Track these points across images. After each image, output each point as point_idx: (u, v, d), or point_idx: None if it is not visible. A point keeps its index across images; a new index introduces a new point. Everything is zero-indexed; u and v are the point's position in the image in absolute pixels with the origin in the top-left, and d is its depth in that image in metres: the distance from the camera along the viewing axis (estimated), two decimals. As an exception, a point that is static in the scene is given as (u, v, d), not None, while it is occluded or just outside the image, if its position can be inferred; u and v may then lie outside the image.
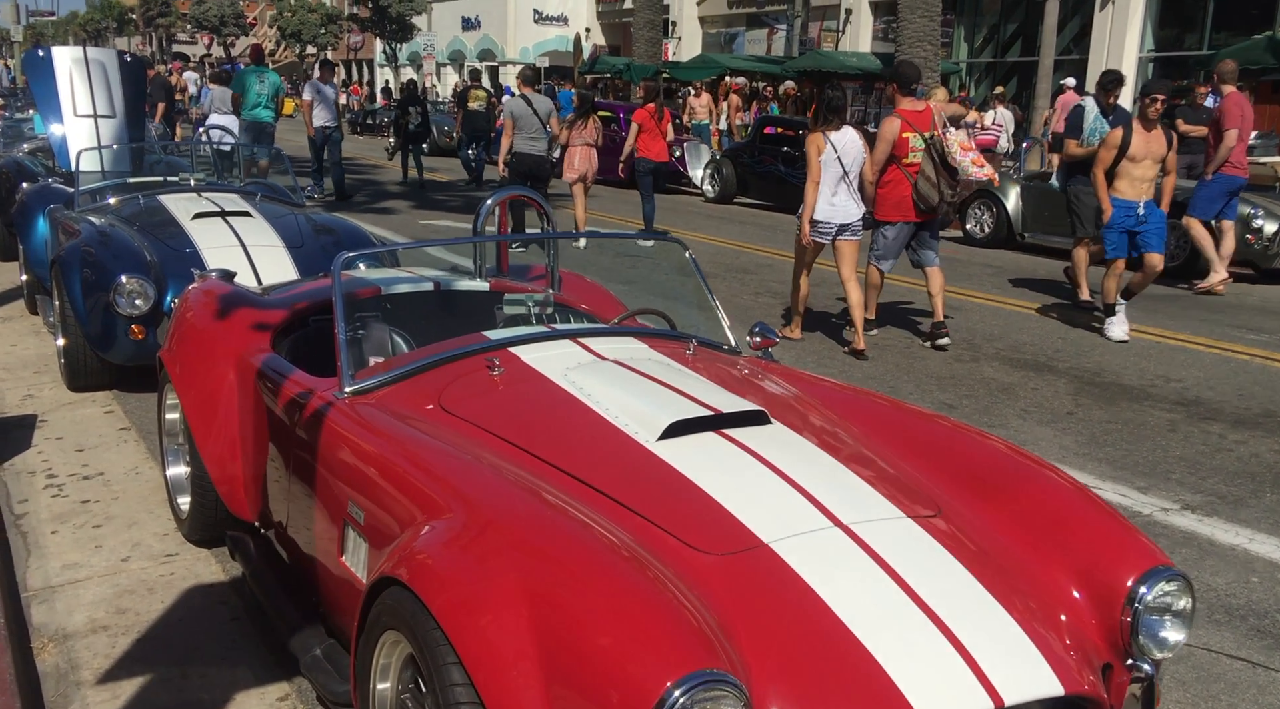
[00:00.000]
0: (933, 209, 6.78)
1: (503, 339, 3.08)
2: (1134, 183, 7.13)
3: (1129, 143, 7.06)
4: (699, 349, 3.19)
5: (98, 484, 4.31)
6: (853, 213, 6.70)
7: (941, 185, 6.67)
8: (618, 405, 2.62)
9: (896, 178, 6.74)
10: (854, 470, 2.42)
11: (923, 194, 6.68)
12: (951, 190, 6.78)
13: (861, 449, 2.59)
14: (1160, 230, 7.22)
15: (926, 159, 6.64)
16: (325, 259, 5.73)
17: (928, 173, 6.64)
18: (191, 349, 3.72)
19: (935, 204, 6.73)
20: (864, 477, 2.40)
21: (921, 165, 6.66)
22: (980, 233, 11.68)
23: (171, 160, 8.62)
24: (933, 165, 6.64)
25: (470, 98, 17.00)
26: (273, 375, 3.26)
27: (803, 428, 2.63)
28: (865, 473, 2.42)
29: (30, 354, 6.20)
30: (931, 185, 6.66)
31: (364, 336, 3.66)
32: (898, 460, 2.57)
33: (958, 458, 2.58)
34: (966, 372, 6.30)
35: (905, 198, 6.74)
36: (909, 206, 6.75)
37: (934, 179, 6.65)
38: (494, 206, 4.04)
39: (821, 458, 2.47)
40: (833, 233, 6.69)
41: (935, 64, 16.61)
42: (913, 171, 6.68)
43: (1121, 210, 7.18)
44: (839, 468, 2.43)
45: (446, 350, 3.04)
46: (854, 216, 6.72)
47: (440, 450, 2.49)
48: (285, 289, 4.10)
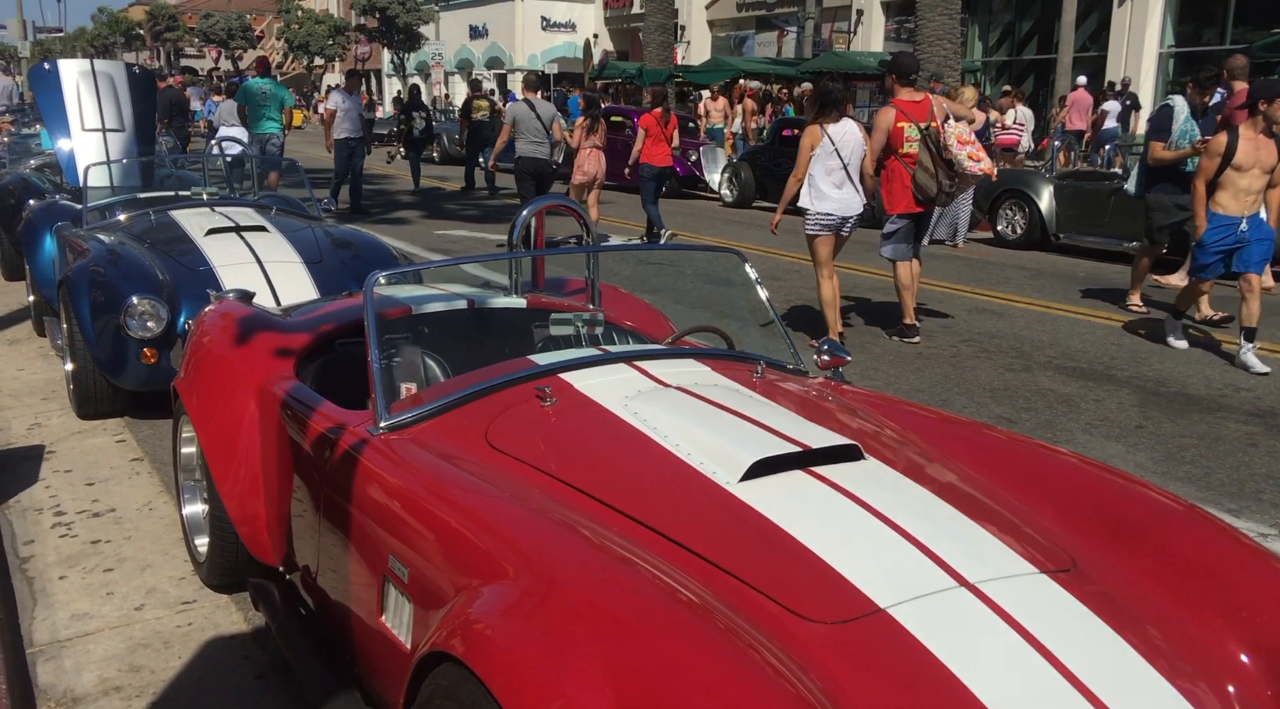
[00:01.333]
0: (931, 200, 6.72)
1: (553, 364, 2.78)
2: (1238, 195, 6.36)
3: (1234, 150, 6.33)
4: (767, 371, 2.89)
5: (109, 522, 4.02)
6: (854, 206, 6.64)
7: (940, 176, 6.59)
8: (690, 440, 2.32)
9: (896, 169, 6.71)
10: (969, 515, 2.12)
11: (920, 185, 6.62)
12: (950, 181, 6.66)
13: (971, 488, 2.28)
14: (1266, 248, 6.44)
15: (923, 150, 6.58)
16: (345, 275, 5.46)
17: (925, 163, 6.58)
18: (209, 377, 3.43)
19: (933, 195, 6.66)
20: (982, 522, 2.09)
21: (918, 156, 6.61)
22: (1012, 234, 11.35)
23: (183, 174, 8.37)
24: (929, 156, 6.58)
25: (474, 108, 16.83)
26: (298, 406, 2.97)
27: (901, 463, 2.33)
28: (982, 518, 2.11)
29: (38, 379, 5.93)
30: (930, 176, 6.59)
31: (395, 361, 3.37)
32: (1014, 501, 2.27)
33: (1081, 496, 2.27)
34: (1020, 382, 5.98)
35: (905, 188, 6.72)
36: (909, 198, 6.72)
37: (931, 169, 6.58)
38: (530, 217, 3.75)
39: (930, 500, 2.16)
40: (837, 226, 6.65)
41: (956, 63, 16.30)
42: (910, 162, 6.64)
43: (1221, 229, 6.40)
44: (951, 512, 2.12)
45: (491, 378, 2.74)
46: (855, 210, 6.67)
47: (494, 497, 2.19)
48: (308, 310, 3.81)
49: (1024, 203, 11.11)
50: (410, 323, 3.56)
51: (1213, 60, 20.16)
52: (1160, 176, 7.55)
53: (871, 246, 9.25)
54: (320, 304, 3.94)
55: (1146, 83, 21.33)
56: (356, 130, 13.19)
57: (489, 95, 18.68)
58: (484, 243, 11.40)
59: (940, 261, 10.38)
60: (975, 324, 7.52)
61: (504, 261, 4.03)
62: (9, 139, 11.34)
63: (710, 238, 12.23)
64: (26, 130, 11.72)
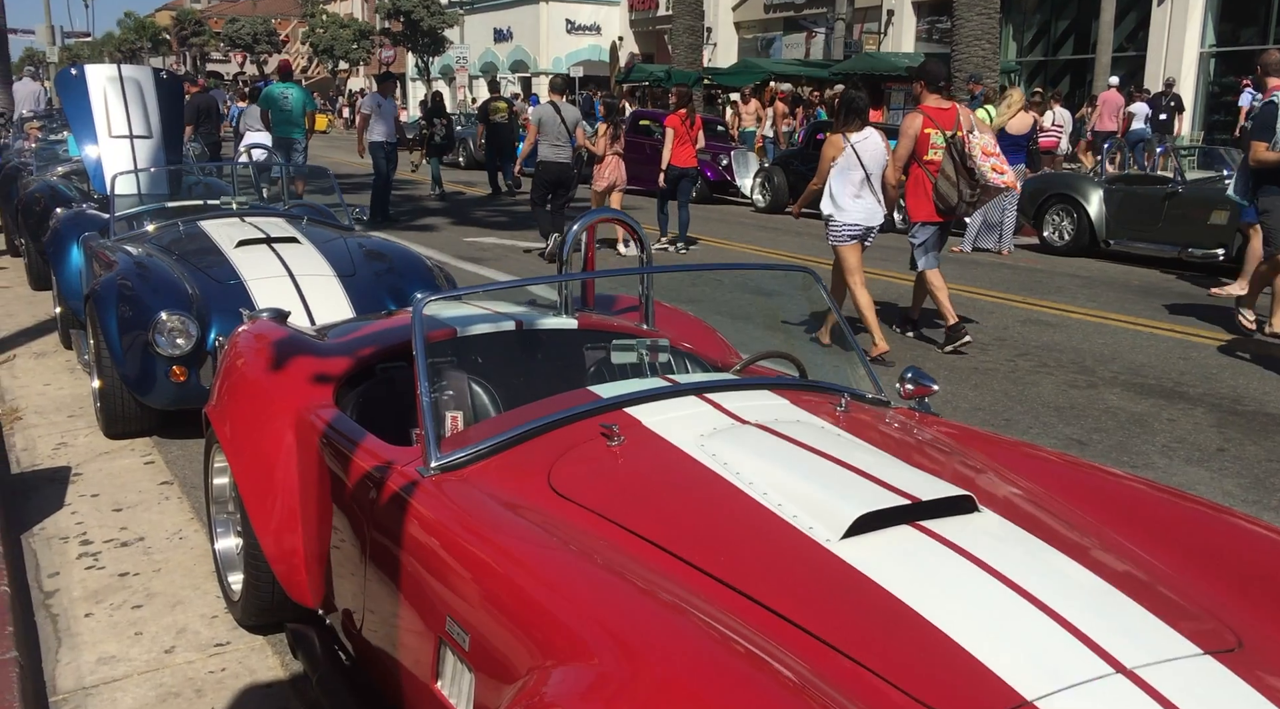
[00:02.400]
0: (951, 210, 6.62)
1: (617, 398, 2.54)
2: None
3: None
4: (851, 404, 2.64)
5: (137, 552, 3.82)
6: (876, 216, 6.58)
7: (961, 185, 6.50)
8: (778, 489, 2.07)
9: (919, 177, 6.65)
10: (1110, 581, 1.86)
11: (942, 193, 6.55)
12: (971, 191, 6.56)
13: (1105, 547, 2.02)
14: None
15: (947, 158, 6.51)
16: (379, 288, 5.25)
17: (948, 172, 6.50)
18: (243, 405, 3.22)
19: (954, 204, 6.57)
20: (1127, 591, 1.83)
21: (941, 164, 6.53)
22: (1059, 240, 11.01)
23: (211, 182, 8.20)
24: (953, 165, 6.49)
25: (492, 111, 16.67)
26: (339, 439, 2.74)
27: (1021, 516, 2.07)
28: (1126, 585, 1.85)
29: (65, 395, 5.75)
30: (951, 185, 6.50)
31: (439, 388, 3.15)
32: (1154, 561, 2.01)
33: (1231, 555, 2.01)
34: (1086, 399, 5.69)
35: (927, 197, 6.66)
36: (931, 206, 6.66)
37: (954, 179, 6.49)
38: (581, 232, 3.52)
39: (1062, 564, 1.90)
40: (861, 235, 6.57)
41: (995, 63, 15.96)
42: (933, 169, 6.57)
43: None
44: (1090, 578, 1.86)
45: (551, 413, 2.51)
46: (877, 220, 6.60)
47: (569, 558, 1.95)
48: (345, 331, 3.59)
49: (1072, 208, 10.78)
50: (455, 346, 3.33)
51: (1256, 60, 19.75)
52: (1267, 178, 7.10)
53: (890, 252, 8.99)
54: (358, 324, 3.72)
55: (1187, 83, 20.88)
56: (391, 135, 12.91)
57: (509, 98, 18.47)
58: (514, 250, 11.20)
59: (987, 269, 10.09)
60: (1031, 336, 7.23)
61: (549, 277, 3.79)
62: (36, 145, 11.22)
63: (742, 245, 11.98)
64: (54, 137, 11.60)
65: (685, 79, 20.56)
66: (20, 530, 4.00)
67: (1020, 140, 10.57)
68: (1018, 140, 10.54)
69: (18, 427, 5.23)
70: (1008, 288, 9.06)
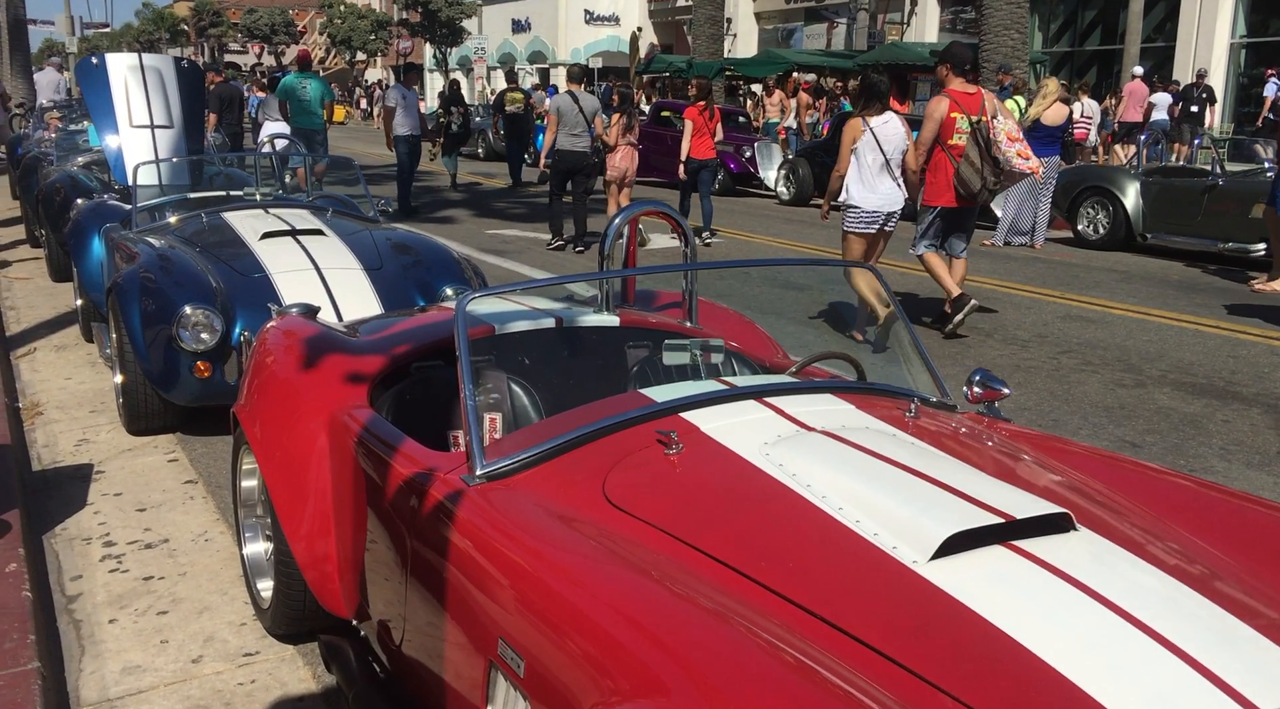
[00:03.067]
0: (973, 196, 6.53)
1: (673, 402, 2.39)
2: None
3: None
4: (920, 409, 2.48)
5: (162, 555, 3.70)
6: (897, 200, 6.44)
7: (985, 171, 6.41)
8: (855, 503, 1.92)
9: (941, 162, 6.54)
10: (1231, 611, 1.70)
11: (964, 178, 6.45)
12: (995, 178, 6.46)
13: (1219, 571, 1.86)
14: None
15: (971, 143, 6.41)
16: (406, 282, 5.12)
17: (972, 157, 6.41)
18: (273, 404, 3.08)
19: (976, 191, 6.47)
20: (1252, 622, 1.67)
21: (965, 149, 6.43)
22: (1094, 234, 10.78)
23: (232, 172, 8.09)
24: (977, 150, 6.40)
25: (507, 101, 16.53)
26: (375, 443, 2.60)
27: (1122, 535, 1.91)
28: (1249, 615, 1.69)
29: (86, 389, 5.65)
30: (975, 171, 6.42)
31: (480, 390, 3.01)
32: (1263, 582, 1.84)
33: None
34: (1135, 399, 5.50)
35: (948, 182, 6.55)
36: (951, 192, 6.55)
37: (978, 164, 6.41)
38: (622, 226, 3.37)
39: (1176, 590, 1.74)
40: (880, 222, 6.44)
41: (1024, 53, 15.68)
42: (956, 154, 6.46)
43: None
44: (1207, 606, 1.70)
45: (603, 418, 2.36)
46: (898, 204, 6.46)
47: (634, 580, 1.80)
48: (377, 327, 3.45)
49: (1107, 201, 10.54)
50: (494, 344, 3.19)
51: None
52: None
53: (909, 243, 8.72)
54: (390, 321, 3.57)
55: (1216, 74, 20.54)
56: (415, 127, 12.73)
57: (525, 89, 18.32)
58: (536, 243, 11.06)
59: (1020, 263, 9.89)
60: (1072, 333, 7.03)
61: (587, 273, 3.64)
62: (56, 135, 11.14)
63: (766, 237, 11.81)
64: (74, 126, 11.51)
65: (707, 70, 20.36)
66: (42, 530, 3.89)
67: (1055, 131, 10.32)
68: (1053, 131, 10.30)
69: (39, 422, 5.13)
70: (1043, 282, 8.85)
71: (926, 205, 6.74)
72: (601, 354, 3.33)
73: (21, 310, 7.61)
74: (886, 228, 6.51)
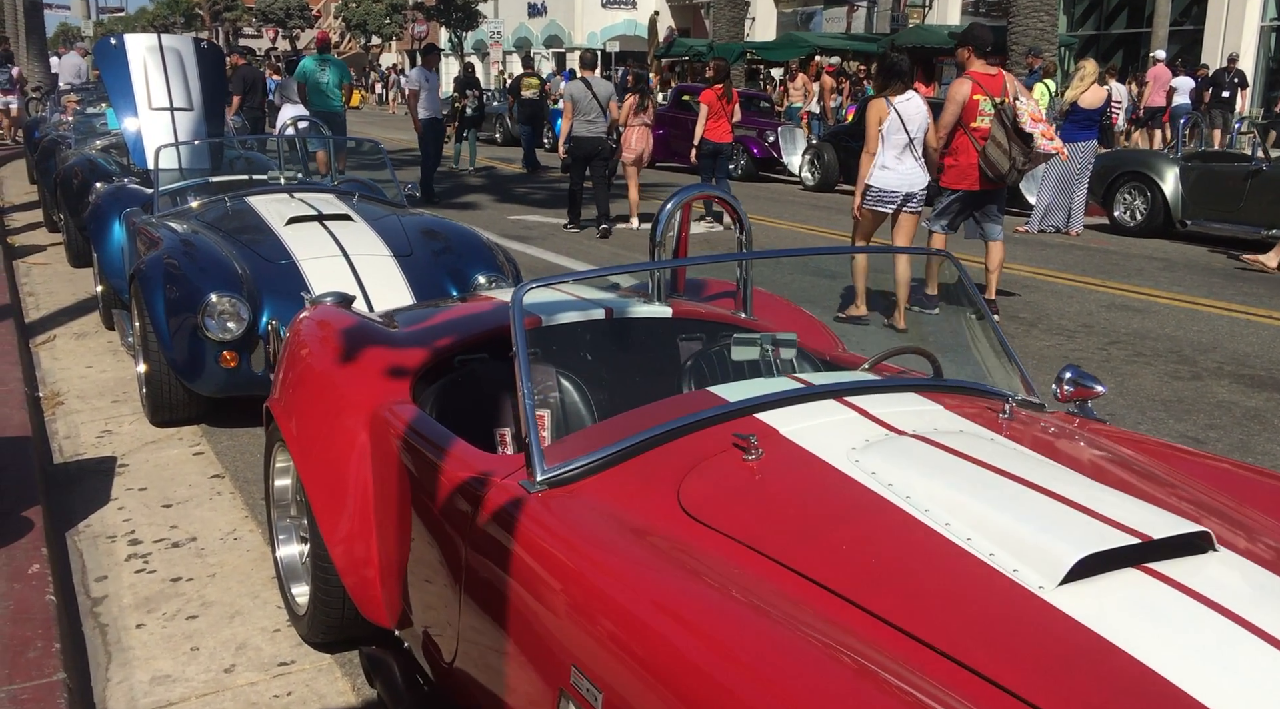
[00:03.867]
0: (1001, 177, 6.45)
1: (748, 401, 2.21)
2: None
3: None
4: (1015, 411, 2.28)
5: (189, 554, 3.54)
6: (918, 181, 6.34)
7: (1014, 151, 6.33)
8: (964, 519, 1.73)
9: (963, 145, 6.46)
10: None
11: (992, 161, 6.37)
12: (1024, 157, 6.37)
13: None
14: None
15: (996, 124, 6.34)
16: (437, 269, 4.94)
17: (998, 138, 6.32)
18: (309, 399, 2.91)
19: (1004, 172, 6.39)
20: None
21: (991, 130, 6.36)
22: (1131, 220, 10.51)
23: (253, 156, 7.92)
24: (1004, 131, 6.31)
25: (523, 86, 16.36)
26: (421, 443, 2.43)
27: (1259, 554, 1.72)
28: None
29: (108, 378, 5.50)
30: (1002, 152, 6.33)
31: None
32: None
33: None
34: (1192, 392, 5.29)
35: (971, 166, 6.45)
36: (975, 175, 6.46)
37: (1005, 145, 6.32)
38: (675, 211, 3.18)
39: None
40: (898, 202, 6.33)
41: (1053, 36, 15.36)
42: (980, 137, 6.40)
43: None
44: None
45: (674, 419, 2.18)
46: (919, 185, 6.35)
47: (724, 604, 1.63)
48: (416, 318, 3.27)
49: (1145, 186, 10.28)
50: (541, 336, 3.01)
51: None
52: None
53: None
54: (430, 311, 3.39)
55: (1246, 58, 20.16)
56: (437, 111, 12.51)
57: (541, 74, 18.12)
58: (559, 228, 10.88)
59: (1057, 250, 9.65)
60: (1119, 322, 6.82)
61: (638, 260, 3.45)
62: (74, 118, 10.99)
63: (792, 223, 11.59)
64: (92, 109, 11.35)
65: (728, 54, 20.10)
66: (65, 527, 3.74)
67: (1093, 115, 10.05)
68: (1090, 114, 10.03)
69: (59, 412, 4.98)
70: (1083, 270, 8.63)
71: (947, 188, 6.67)
72: (654, 347, 3.16)
73: (40, 296, 7.47)
74: (906, 209, 6.36)
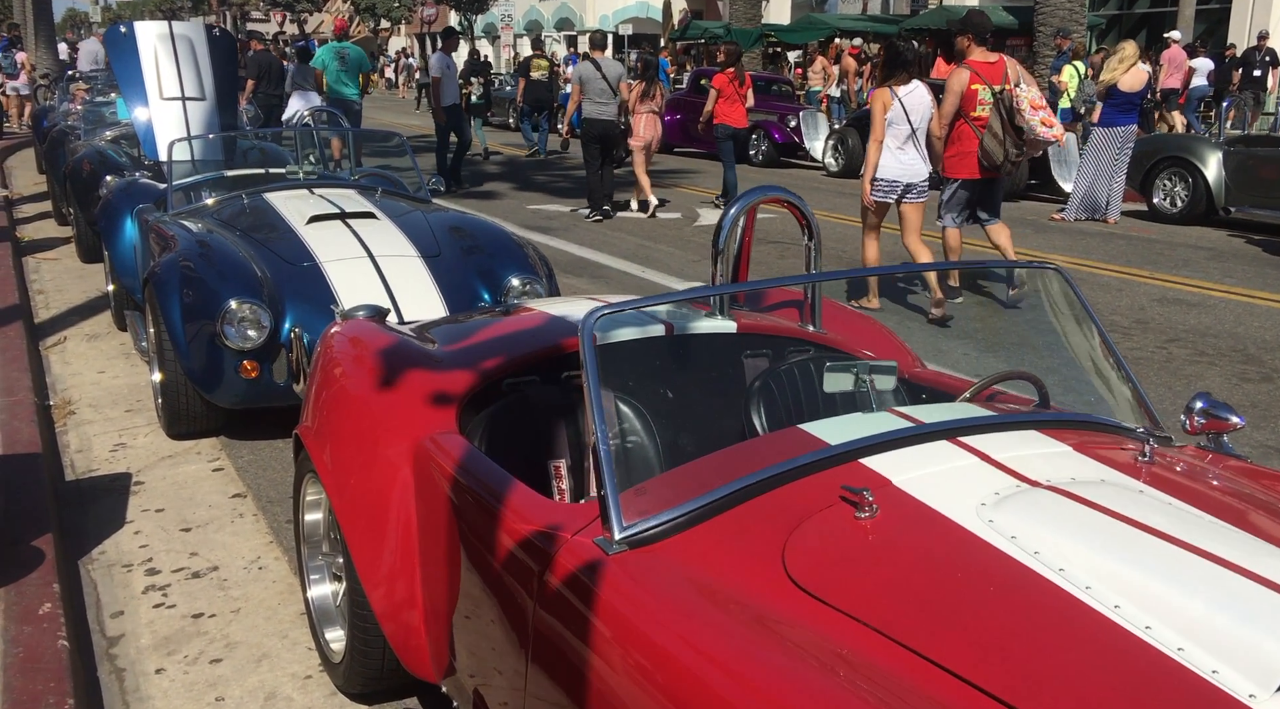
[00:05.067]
0: (996, 167, 6.43)
1: (851, 445, 1.93)
2: None
3: None
4: (1155, 452, 2.00)
5: (211, 586, 3.29)
6: (920, 172, 6.36)
7: (1007, 143, 6.31)
8: (1139, 601, 1.45)
9: (965, 133, 6.43)
10: None
11: (987, 150, 6.35)
12: (1017, 149, 6.36)
13: None
14: None
15: (994, 114, 6.30)
16: (466, 270, 4.66)
17: (994, 129, 6.31)
18: (345, 427, 2.65)
19: (999, 162, 6.38)
20: None
21: (989, 120, 6.32)
22: (1171, 207, 10.17)
23: (268, 147, 7.64)
24: (1000, 121, 6.28)
25: (533, 67, 16.07)
26: (474, 484, 2.17)
27: None
28: None
29: (121, 384, 5.25)
30: (997, 142, 6.31)
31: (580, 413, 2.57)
32: None
33: None
34: (1267, 396, 4.99)
35: (972, 153, 6.43)
36: (974, 163, 6.44)
37: (1000, 136, 6.30)
38: (740, 217, 2.90)
39: None
40: (899, 192, 6.35)
41: (1081, 16, 14.95)
42: (980, 126, 6.36)
43: None
44: None
45: (768, 466, 1.90)
46: (921, 176, 6.37)
47: (849, 699, 1.36)
48: (457, 334, 3.00)
49: (1187, 172, 9.93)
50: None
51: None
52: None
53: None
54: (471, 327, 3.11)
55: (1277, 35, 19.69)
56: (457, 96, 12.15)
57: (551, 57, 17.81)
58: (580, 219, 10.60)
59: (1097, 240, 9.33)
60: (1174, 318, 6.51)
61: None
62: (83, 108, 10.72)
63: (818, 212, 11.27)
64: (100, 98, 11.08)
65: (746, 37, 19.73)
66: (78, 554, 3.50)
67: (1134, 98, 9.68)
68: (1131, 98, 9.66)
69: (70, 422, 4.74)
70: (1127, 261, 8.31)
71: (949, 177, 6.64)
72: (718, 366, 2.88)
73: (50, 294, 7.23)
74: (907, 198, 6.36)
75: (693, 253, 8.77)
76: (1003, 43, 19.74)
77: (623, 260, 8.43)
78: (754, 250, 8.98)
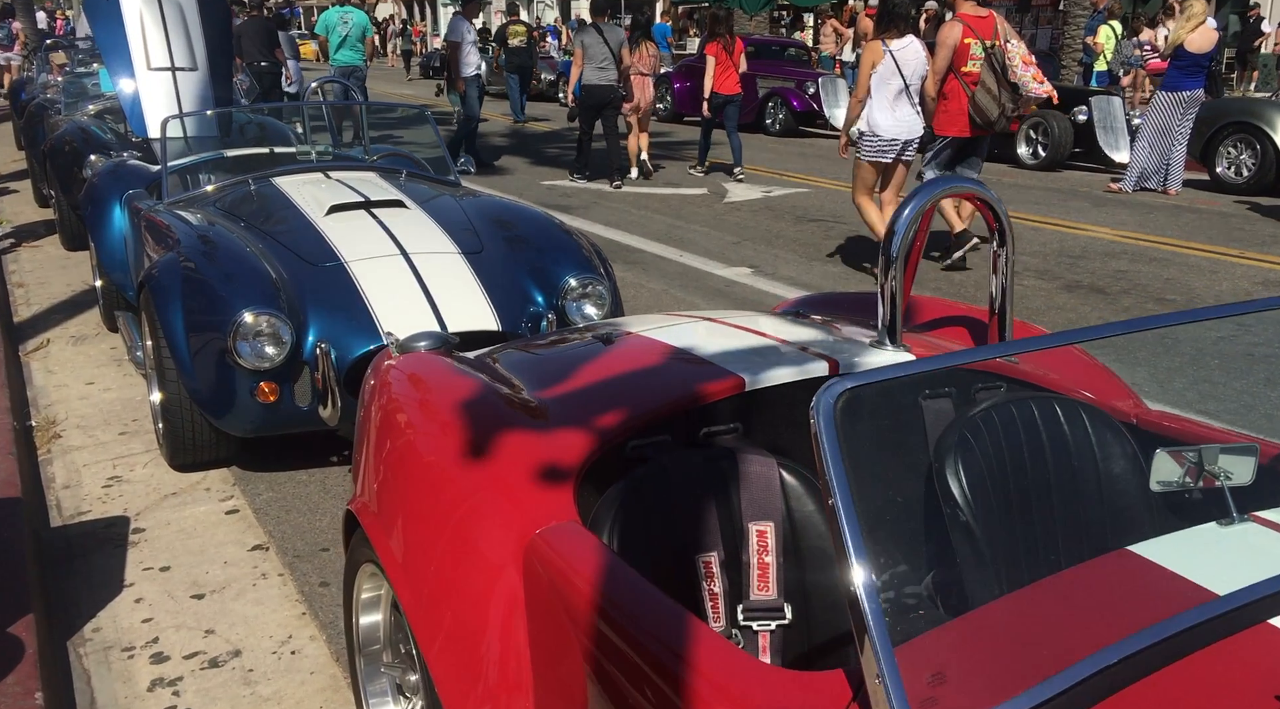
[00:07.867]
0: (990, 124, 6.31)
1: (1247, 594, 1.28)
2: None
3: None
4: None
5: (234, 679, 2.64)
6: (915, 127, 6.26)
7: (1003, 97, 6.20)
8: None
9: (954, 89, 6.32)
10: None
11: (980, 106, 6.25)
12: (1013, 104, 6.25)
13: None
14: None
15: (986, 69, 6.21)
16: (516, 270, 3.97)
17: (988, 84, 6.21)
18: (421, 508, 1.98)
19: (994, 118, 6.26)
20: None
21: (981, 75, 6.24)
22: (1237, 177, 9.50)
23: (267, 121, 6.90)
24: (994, 76, 6.20)
25: (510, 34, 15.33)
26: (628, 622, 1.52)
27: None
28: None
29: (112, 399, 4.57)
30: (992, 98, 6.21)
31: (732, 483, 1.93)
32: None
33: None
34: None
35: (961, 111, 6.33)
36: (964, 121, 6.34)
37: (994, 91, 6.20)
38: (916, 217, 2.23)
39: None
40: (897, 151, 6.23)
41: (1116, -26, 14.22)
42: (970, 82, 6.26)
43: None
44: None
45: (1133, 635, 1.24)
46: (916, 132, 6.27)
47: None
48: (545, 372, 2.31)
49: (1254, 137, 9.25)
50: (744, 406, 2.09)
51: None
52: None
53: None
54: (562, 361, 2.42)
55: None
56: (479, 65, 11.21)
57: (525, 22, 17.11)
58: (601, 195, 9.92)
59: (1164, 213, 8.67)
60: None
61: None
62: (64, 79, 9.92)
63: (830, 181, 10.64)
64: (82, 69, 10.26)
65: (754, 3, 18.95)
66: (67, 633, 2.84)
67: (1202, 60, 8.96)
68: (1198, 59, 8.94)
69: (55, 449, 4.07)
70: (1208, 238, 7.65)
71: (939, 134, 6.53)
72: (895, 412, 2.22)
73: (31, 288, 6.52)
74: (905, 157, 6.29)
75: (729, 234, 8.09)
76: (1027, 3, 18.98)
77: (655, 242, 7.76)
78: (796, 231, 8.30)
